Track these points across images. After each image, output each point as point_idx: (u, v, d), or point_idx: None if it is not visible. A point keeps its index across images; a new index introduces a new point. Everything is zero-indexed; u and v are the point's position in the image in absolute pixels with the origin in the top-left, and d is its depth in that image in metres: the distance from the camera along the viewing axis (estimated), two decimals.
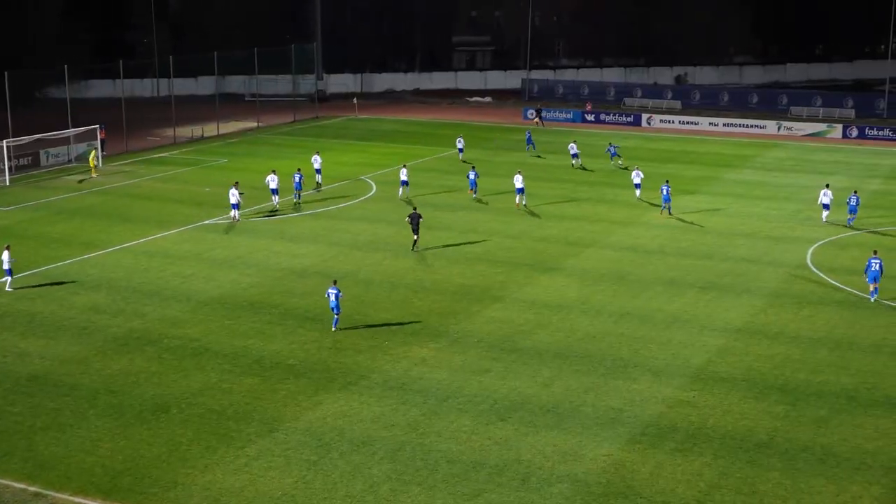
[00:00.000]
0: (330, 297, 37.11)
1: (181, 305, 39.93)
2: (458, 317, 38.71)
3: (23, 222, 53.98)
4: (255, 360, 34.25)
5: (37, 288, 42.12)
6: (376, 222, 53.78)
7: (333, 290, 37.12)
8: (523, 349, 35.42)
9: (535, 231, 52.14)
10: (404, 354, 34.86)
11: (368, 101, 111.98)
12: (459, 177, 65.69)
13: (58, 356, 34.56)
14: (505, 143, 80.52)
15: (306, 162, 68.28)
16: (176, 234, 51.20)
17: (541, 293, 41.78)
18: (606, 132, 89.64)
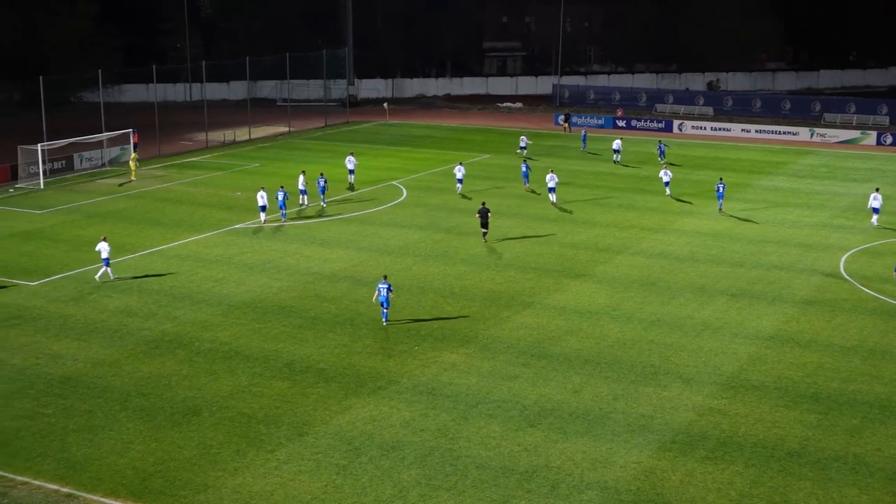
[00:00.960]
0: (381, 292, 37.86)
1: (212, 309, 40.15)
2: (487, 322, 38.70)
3: (56, 225, 54.45)
4: (285, 364, 34.38)
5: (69, 291, 42.47)
6: (406, 227, 53.86)
7: (384, 284, 37.93)
8: (553, 355, 35.36)
9: (565, 237, 52.06)
10: (434, 359, 34.89)
11: (399, 106, 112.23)
12: (489, 182, 65.71)
13: (90, 358, 34.83)
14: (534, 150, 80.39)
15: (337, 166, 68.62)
16: (207, 238, 51.49)
17: (571, 299, 41.70)
18: (638, 138, 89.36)
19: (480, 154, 78.28)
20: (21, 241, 51.12)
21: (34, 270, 45.46)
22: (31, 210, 58.22)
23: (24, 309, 39.99)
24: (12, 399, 31.38)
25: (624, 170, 72.28)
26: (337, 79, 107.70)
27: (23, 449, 28.11)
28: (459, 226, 54.22)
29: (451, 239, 51.49)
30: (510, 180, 67.08)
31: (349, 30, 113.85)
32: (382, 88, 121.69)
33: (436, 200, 60.63)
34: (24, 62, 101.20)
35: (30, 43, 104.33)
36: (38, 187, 64.85)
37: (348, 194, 62.47)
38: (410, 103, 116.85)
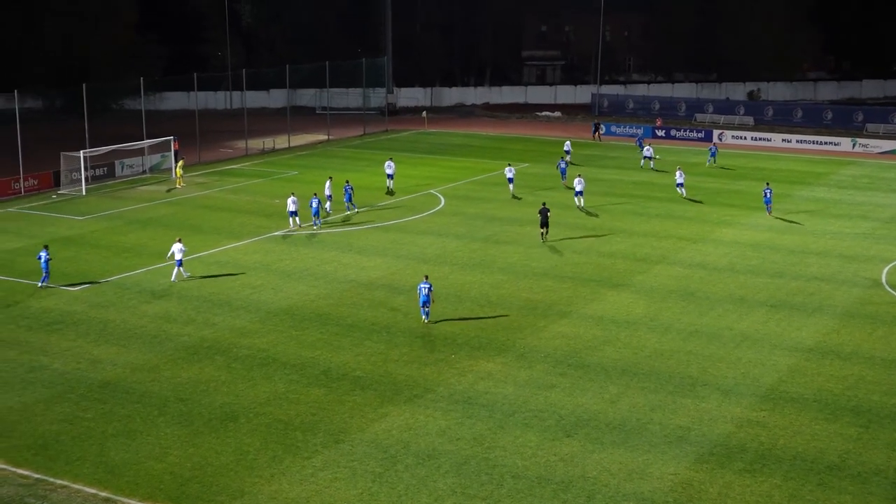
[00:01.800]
0: (422, 292, 38.91)
1: (250, 315, 40.38)
2: (524, 332, 38.64)
3: (96, 232, 54.99)
4: (322, 371, 34.50)
5: (110, 296, 42.87)
6: (444, 236, 53.92)
7: (425, 284, 38.96)
8: (590, 365, 35.25)
9: (603, 247, 51.89)
10: (470, 368, 34.88)
11: (438, 114, 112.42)
12: (527, 191, 65.67)
13: (129, 364, 35.13)
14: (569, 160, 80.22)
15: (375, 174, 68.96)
16: (246, 245, 51.80)
17: (608, 309, 41.55)
18: (677, 148, 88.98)
19: (519, 163, 78.15)
20: (62, 246, 51.66)
21: (75, 276, 45.93)
22: (73, 216, 58.85)
23: (65, 314, 40.42)
24: (53, 403, 31.71)
25: (662, 179, 71.95)
26: (376, 87, 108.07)
27: (62, 453, 28.38)
28: (497, 234, 54.20)
29: (488, 248, 51.48)
30: (549, 189, 66.97)
31: (388, 38, 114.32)
32: (421, 97, 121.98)
33: (473, 209, 60.65)
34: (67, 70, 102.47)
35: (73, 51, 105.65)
36: (80, 194, 65.55)
37: (389, 200, 62.58)
38: (449, 112, 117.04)
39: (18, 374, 34.16)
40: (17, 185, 65.56)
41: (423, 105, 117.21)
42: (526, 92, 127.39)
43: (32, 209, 61.04)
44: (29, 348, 36.58)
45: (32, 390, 32.75)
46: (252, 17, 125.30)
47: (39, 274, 45.17)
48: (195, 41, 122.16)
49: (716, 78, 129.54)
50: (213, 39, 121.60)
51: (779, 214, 60.19)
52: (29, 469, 27.42)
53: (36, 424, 30.17)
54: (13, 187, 65.31)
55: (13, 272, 46.55)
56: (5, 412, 31.06)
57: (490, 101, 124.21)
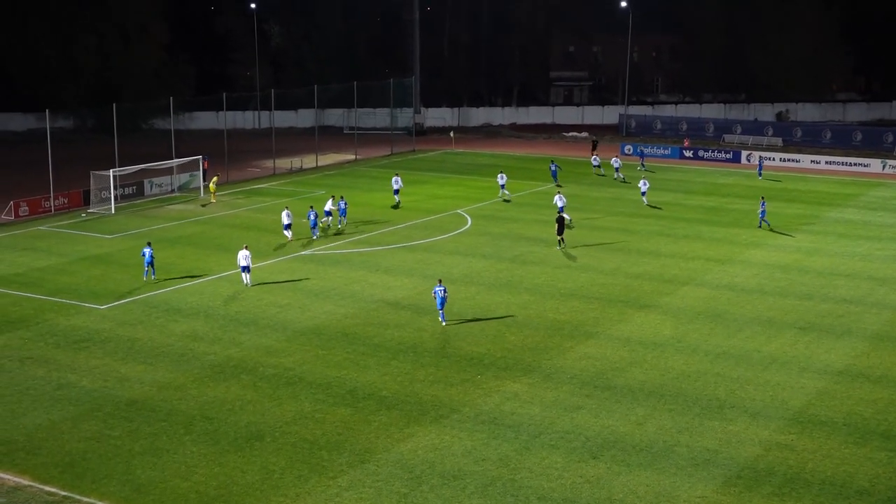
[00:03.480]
0: (438, 295, 41.03)
1: (277, 335, 40.46)
2: (551, 352, 38.53)
3: (124, 250, 55.32)
4: (348, 391, 34.50)
5: (137, 315, 43.09)
6: (470, 256, 53.90)
7: (440, 287, 41.25)
8: (617, 387, 35.08)
9: (630, 267, 51.71)
10: (496, 388, 34.79)
11: (465, 134, 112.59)
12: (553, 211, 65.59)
13: (156, 382, 35.25)
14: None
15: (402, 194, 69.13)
16: (272, 265, 51.97)
17: (635, 330, 41.38)
18: (705, 169, 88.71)
19: (545, 183, 78.16)
20: (91, 264, 52.04)
21: (104, 294, 46.21)
22: (102, 234, 59.26)
23: (93, 332, 40.65)
24: (80, 421, 31.85)
25: (690, 200, 71.72)
26: (403, 107, 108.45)
27: (89, 470, 28.48)
28: (524, 255, 54.14)
29: (515, 268, 51.42)
30: (576, 209, 66.85)
31: (416, 59, 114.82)
32: (449, 117, 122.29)
33: (500, 229, 60.63)
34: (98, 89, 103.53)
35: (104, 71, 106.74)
36: (109, 212, 66.00)
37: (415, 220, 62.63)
38: (476, 132, 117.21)
39: (46, 391, 34.35)
40: (47, 203, 66.16)
41: (450, 125, 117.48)
42: (553, 112, 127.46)
43: (62, 227, 61.53)
44: (57, 366, 36.80)
45: (60, 408, 32.91)
46: (281, 38, 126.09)
47: (67, 292, 45.57)
48: (224, 61, 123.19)
49: (744, 98, 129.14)
50: (242, 60, 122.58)
51: (808, 236, 59.80)
52: (56, 486, 27.52)
53: (63, 442, 30.31)
54: (44, 205, 65.91)
55: (42, 290, 46.87)
56: (33, 429, 31.23)
57: (517, 122, 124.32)
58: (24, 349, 38.66)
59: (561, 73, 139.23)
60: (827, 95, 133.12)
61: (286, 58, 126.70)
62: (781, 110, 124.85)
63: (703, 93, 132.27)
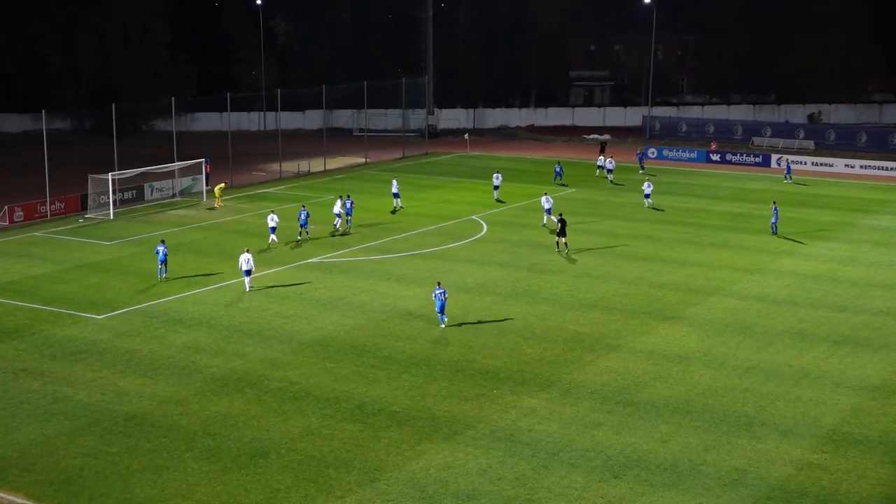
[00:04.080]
0: (438, 298, 42.37)
1: (282, 346, 40.48)
2: (570, 366, 38.46)
3: (124, 258, 55.46)
4: (356, 406, 34.47)
5: (137, 325, 43.16)
6: (486, 264, 53.87)
7: (440, 290, 42.59)
8: (639, 402, 34.98)
9: (654, 277, 51.61)
10: (513, 404, 34.73)
11: (480, 137, 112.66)
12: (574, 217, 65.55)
13: (156, 396, 35.29)
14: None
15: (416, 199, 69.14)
16: (278, 273, 52.02)
17: (659, 343, 41.27)
18: (733, 173, 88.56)
19: (565, 188, 78.12)
20: (89, 272, 52.18)
21: (101, 303, 46.32)
22: (100, 241, 59.43)
23: (90, 343, 40.74)
24: (77, 436, 31.90)
25: (717, 206, 71.60)
26: (416, 108, 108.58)
27: (86, 488, 28.50)
28: (542, 263, 54.08)
29: (533, 277, 51.37)
30: (597, 216, 66.85)
31: (429, 57, 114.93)
32: (463, 119, 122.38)
33: (517, 236, 60.60)
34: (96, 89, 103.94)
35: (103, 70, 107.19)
36: (108, 218, 66.20)
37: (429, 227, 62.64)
38: (492, 134, 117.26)
39: (41, 405, 34.42)
40: (43, 208, 66.43)
41: (464, 127, 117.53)
42: (573, 114, 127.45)
43: (58, 233, 61.74)
44: (52, 378, 36.88)
45: (55, 422, 32.97)
46: (287, 36, 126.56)
47: (63, 302, 45.71)
48: (228, 61, 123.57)
49: (774, 100, 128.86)
50: (246, 59, 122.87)
51: (842, 245, 59.59)
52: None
53: (59, 458, 30.35)
54: (39, 210, 66.17)
55: (37, 299, 47.02)
56: (27, 445, 31.29)
57: (535, 124, 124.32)
58: (19, 361, 38.76)
59: (581, 73, 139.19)
60: (862, 96, 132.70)
61: (293, 56, 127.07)
62: (813, 112, 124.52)
63: (731, 93, 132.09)
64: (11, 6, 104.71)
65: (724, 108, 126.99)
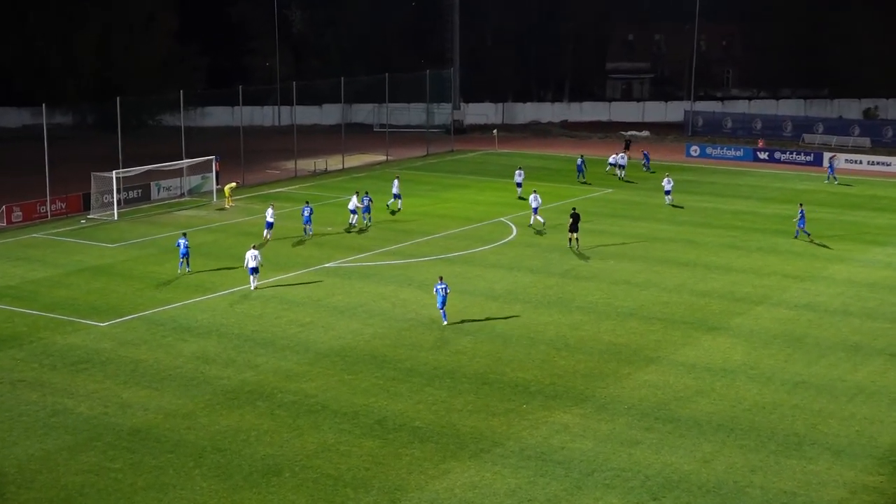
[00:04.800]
0: (438, 294, 43.88)
1: (297, 357, 40.58)
2: (606, 379, 38.39)
3: (128, 261, 55.74)
4: (376, 421, 34.52)
5: (142, 333, 43.36)
6: (515, 270, 53.86)
7: (442, 285, 44.05)
8: (680, 419, 34.88)
9: (697, 284, 51.47)
10: (544, 420, 34.69)
11: (510, 133, 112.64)
12: (611, 220, 65.54)
13: (162, 409, 35.44)
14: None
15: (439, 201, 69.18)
16: (293, 278, 52.16)
17: (702, 355, 41.15)
18: (782, 172, 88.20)
19: (602, 188, 78.05)
20: (91, 276, 52.47)
21: (105, 310, 46.56)
22: (103, 243, 59.75)
23: (92, 352, 40.95)
24: (78, 451, 32.06)
25: (764, 208, 71.35)
26: (441, 102, 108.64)
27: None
28: (576, 269, 54.04)
29: (566, 284, 51.33)
30: (635, 218, 66.73)
31: (456, 48, 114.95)
32: (491, 114, 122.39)
33: (549, 240, 60.56)
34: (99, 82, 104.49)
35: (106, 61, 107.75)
36: (112, 218, 66.55)
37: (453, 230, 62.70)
38: (523, 130, 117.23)
39: (40, 418, 34.62)
40: (43, 208, 66.81)
41: (493, 123, 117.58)
42: (610, 108, 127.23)
43: (59, 235, 62.12)
44: (52, 390, 37.08)
45: (55, 437, 33.16)
46: (303, 25, 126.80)
47: (64, 308, 46.01)
48: (240, 51, 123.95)
49: (827, 94, 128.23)
50: (260, 49, 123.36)
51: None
52: None
53: (59, 475, 30.51)
54: (39, 211, 66.56)
55: (36, 305, 47.31)
56: (25, 460, 31.47)
57: (569, 119, 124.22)
58: (16, 371, 39.00)
59: (619, 65, 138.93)
60: None
61: (309, 47, 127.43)
62: (870, 107, 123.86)
63: (780, 87, 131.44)
64: None
65: (772, 102, 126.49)
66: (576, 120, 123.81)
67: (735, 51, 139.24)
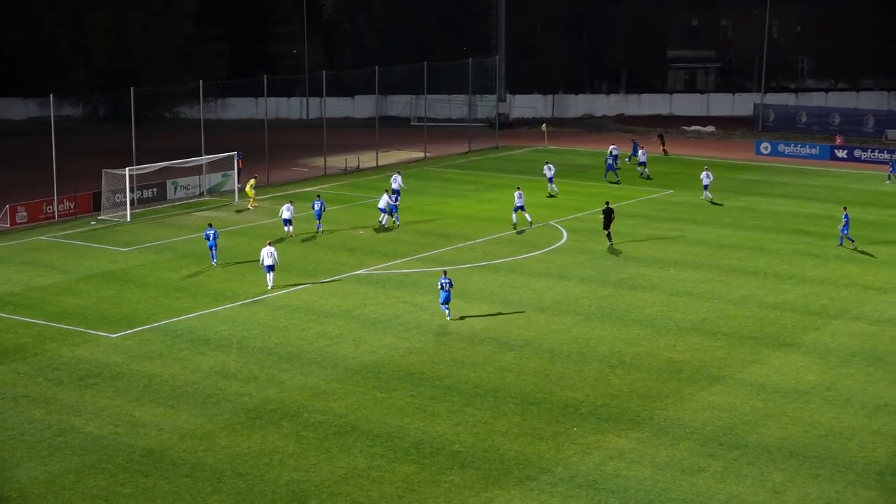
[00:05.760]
0: (444, 288, 45.74)
1: (326, 373, 40.66)
2: (665, 400, 38.25)
3: (142, 266, 56.06)
4: (412, 444, 34.52)
5: (156, 346, 43.59)
6: (566, 279, 53.77)
7: (446, 279, 45.94)
8: (748, 445, 34.68)
9: (767, 296, 51.19)
10: (597, 444, 34.59)
11: (561, 128, 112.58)
12: (670, 224, 65.31)
13: (178, 429, 35.59)
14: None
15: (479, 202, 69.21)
16: (322, 286, 52.29)
17: (772, 375, 40.91)
18: (862, 172, 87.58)
19: (660, 189, 77.77)
20: (102, 283, 52.80)
21: (116, 320, 46.85)
22: (115, 247, 60.13)
23: (102, 366, 41.19)
24: (85, 474, 32.25)
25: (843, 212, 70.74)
26: (484, 94, 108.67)
27: None
28: (632, 278, 53.88)
29: (621, 294, 51.19)
30: (698, 222, 66.45)
31: (501, 34, 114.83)
32: (540, 106, 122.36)
33: (603, 246, 60.42)
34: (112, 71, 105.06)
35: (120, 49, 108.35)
36: (125, 220, 66.96)
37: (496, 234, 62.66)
38: (574, 125, 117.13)
39: (45, 437, 34.84)
40: (49, 208, 67.31)
41: (542, 116, 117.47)
42: (671, 101, 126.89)
43: (67, 238, 62.59)
44: (58, 407, 37.32)
45: (61, 458, 33.36)
46: (335, 8, 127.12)
47: (72, 317, 46.32)
48: (265, 37, 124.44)
49: None
50: (287, 35, 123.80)
51: None
52: None
53: (64, 500, 30.69)
54: (45, 211, 67.06)
55: (42, 314, 47.65)
56: (28, 484, 31.68)
57: (625, 112, 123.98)
58: (20, 385, 39.29)
59: (681, 53, 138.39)
60: None
61: (341, 33, 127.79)
62: None
63: (861, 77, 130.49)
64: None
65: (852, 94, 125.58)
66: (633, 113, 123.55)
67: (811, 37, 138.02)
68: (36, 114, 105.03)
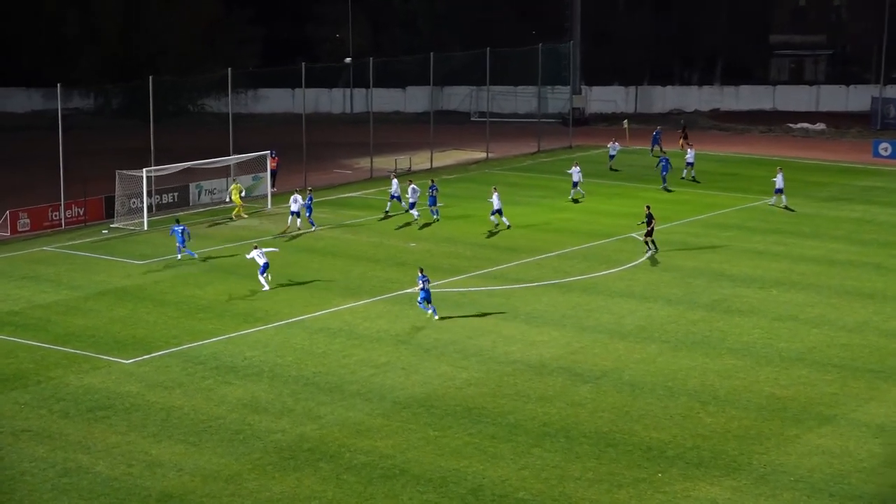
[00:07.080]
0: (421, 285, 49.01)
1: (370, 406, 40.72)
2: (766, 443, 38.02)
3: (162, 282, 56.38)
4: (469, 490, 34.49)
5: (176, 374, 43.83)
6: (649, 300, 53.60)
7: (423, 277, 49.02)
8: (864, 496, 34.40)
9: (885, 322, 50.79)
10: (685, 493, 34.44)
11: (645, 125, 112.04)
12: (775, 236, 64.98)
13: (200, 470, 35.74)
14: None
15: (554, 209, 69.20)
16: (367, 306, 52.40)
17: (892, 414, 40.57)
18: None
19: (762, 197, 77.32)
20: (114, 301, 53.15)
21: (130, 343, 47.14)
22: (130, 259, 60.51)
23: (115, 396, 41.44)
24: None
25: None
26: (556, 85, 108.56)
27: None
28: (727, 300, 53.62)
29: (714, 318, 50.96)
30: (804, 235, 66.06)
31: (576, 17, 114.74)
32: (621, 100, 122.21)
33: (693, 262, 60.23)
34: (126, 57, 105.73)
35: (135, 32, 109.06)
36: (141, 228, 67.32)
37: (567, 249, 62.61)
38: (661, 121, 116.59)
39: (49, 478, 35.06)
40: (56, 215, 67.73)
41: (623, 111, 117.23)
42: (774, 94, 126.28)
43: (76, 248, 63.06)
44: (64, 443, 37.57)
45: (67, 502, 33.55)
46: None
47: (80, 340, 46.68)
48: (303, 20, 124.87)
49: None
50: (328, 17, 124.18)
51: None
52: None
53: None
54: (51, 218, 67.50)
55: (47, 336, 47.99)
56: None
57: (721, 108, 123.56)
58: (20, 418, 39.58)
59: (787, 39, 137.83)
60: None
61: (391, 14, 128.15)
62: None
63: None
64: None
65: None
66: (729, 108, 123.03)
67: None
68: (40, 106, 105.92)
